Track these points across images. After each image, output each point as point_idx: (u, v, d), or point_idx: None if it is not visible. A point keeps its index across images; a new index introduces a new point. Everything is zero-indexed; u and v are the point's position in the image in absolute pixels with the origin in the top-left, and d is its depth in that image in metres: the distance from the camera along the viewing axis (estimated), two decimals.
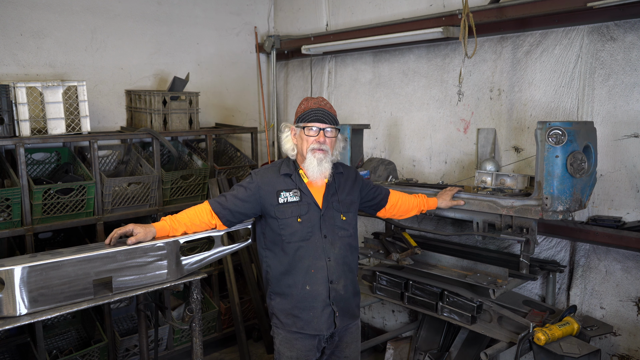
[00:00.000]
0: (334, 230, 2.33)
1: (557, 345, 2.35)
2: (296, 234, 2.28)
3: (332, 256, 2.31)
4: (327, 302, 2.29)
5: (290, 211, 2.29)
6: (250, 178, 2.36)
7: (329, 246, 2.30)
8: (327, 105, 2.36)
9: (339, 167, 2.45)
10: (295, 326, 2.31)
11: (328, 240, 2.31)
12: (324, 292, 2.28)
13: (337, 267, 2.32)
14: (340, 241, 2.34)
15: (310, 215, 2.30)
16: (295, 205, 2.30)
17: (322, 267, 2.28)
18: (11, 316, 1.98)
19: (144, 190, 3.50)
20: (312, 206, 2.31)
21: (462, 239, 3.33)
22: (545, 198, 2.39)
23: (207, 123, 4.40)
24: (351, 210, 2.42)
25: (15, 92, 3.02)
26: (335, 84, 4.23)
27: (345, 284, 2.35)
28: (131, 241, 2.20)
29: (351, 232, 2.40)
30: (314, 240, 2.29)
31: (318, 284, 2.28)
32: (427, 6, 3.44)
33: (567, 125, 2.35)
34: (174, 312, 3.76)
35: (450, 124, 3.43)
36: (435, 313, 2.79)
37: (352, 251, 2.40)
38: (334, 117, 2.31)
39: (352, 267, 2.40)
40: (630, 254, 2.67)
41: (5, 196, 2.93)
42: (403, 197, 2.71)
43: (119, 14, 3.82)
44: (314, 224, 2.30)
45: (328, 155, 2.30)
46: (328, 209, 2.34)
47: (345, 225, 2.37)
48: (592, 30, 2.73)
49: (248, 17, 4.60)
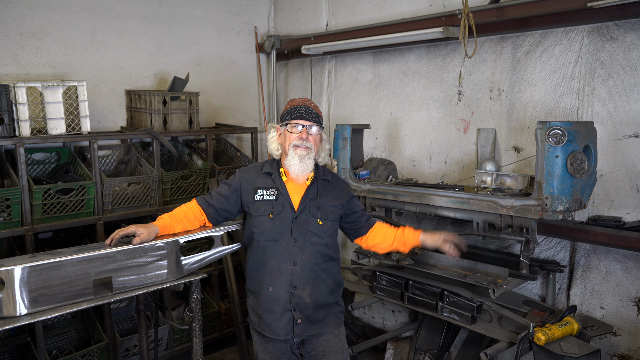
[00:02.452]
0: (306, 235, 2.26)
1: (557, 345, 2.35)
2: (265, 233, 2.27)
3: (299, 261, 2.24)
4: (288, 307, 2.23)
5: (264, 209, 2.27)
6: (234, 175, 2.41)
7: (296, 250, 2.24)
8: (312, 105, 2.32)
9: (327, 174, 2.38)
10: (259, 327, 2.31)
11: (297, 244, 2.24)
12: (285, 296, 2.23)
13: (304, 274, 2.24)
14: (312, 247, 2.26)
15: (283, 216, 2.26)
16: (269, 204, 2.27)
17: (286, 270, 2.23)
18: (11, 316, 1.98)
19: (144, 190, 3.50)
20: (287, 207, 2.27)
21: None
22: (545, 198, 2.39)
23: (207, 123, 4.40)
24: (330, 217, 2.32)
25: (15, 92, 3.02)
26: (335, 84, 4.23)
27: (313, 292, 2.26)
28: (136, 241, 2.20)
29: (327, 241, 2.30)
30: (282, 242, 2.25)
31: (280, 287, 2.24)
32: (427, 6, 3.44)
33: (567, 125, 2.35)
34: (174, 312, 3.76)
35: (450, 124, 3.43)
36: (435, 313, 2.79)
37: (325, 259, 2.30)
38: (318, 116, 2.28)
39: (323, 277, 2.29)
40: (630, 254, 2.67)
41: (5, 196, 2.93)
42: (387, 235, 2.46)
43: (119, 14, 3.82)
44: (284, 226, 2.25)
45: (311, 153, 2.25)
46: (303, 212, 2.27)
47: (320, 232, 2.28)
48: (592, 30, 2.73)
49: (248, 17, 4.60)
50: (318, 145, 2.31)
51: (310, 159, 2.26)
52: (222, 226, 2.56)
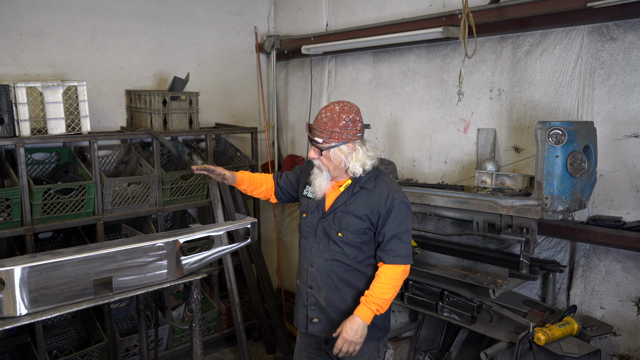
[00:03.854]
0: (327, 240, 2.24)
1: (557, 345, 2.36)
2: (301, 229, 2.37)
3: (316, 264, 2.27)
4: (305, 304, 2.33)
5: (304, 205, 2.37)
6: (301, 165, 2.53)
7: (316, 252, 2.26)
8: (322, 121, 2.14)
9: (369, 182, 2.22)
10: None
11: (318, 246, 2.26)
12: (303, 293, 2.34)
13: (319, 277, 2.25)
14: (329, 254, 2.23)
15: (314, 216, 2.30)
16: (308, 201, 2.35)
17: (305, 269, 2.32)
18: (11, 316, 1.99)
19: (144, 190, 3.50)
20: (319, 208, 2.30)
21: (462, 239, 3.33)
22: (545, 198, 2.39)
23: (207, 123, 4.40)
24: (351, 229, 2.18)
25: (15, 92, 3.02)
26: (335, 84, 4.23)
27: (329, 297, 2.25)
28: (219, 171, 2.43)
29: (347, 252, 2.20)
30: (308, 241, 2.32)
31: (302, 282, 2.35)
32: (427, 6, 3.44)
33: (567, 125, 2.36)
34: (174, 312, 3.76)
35: (450, 124, 3.43)
36: (435, 313, 2.79)
37: (345, 269, 2.22)
38: (317, 134, 2.13)
39: (340, 286, 2.23)
40: (630, 254, 2.67)
41: (5, 196, 2.92)
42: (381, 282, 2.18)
43: (119, 14, 3.82)
44: (312, 226, 2.30)
45: (323, 172, 2.21)
46: (329, 217, 2.25)
47: (339, 242, 2.20)
48: (592, 30, 2.73)
49: (248, 17, 4.60)
50: (333, 162, 2.17)
51: (323, 177, 2.22)
52: (222, 226, 2.56)
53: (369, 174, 2.23)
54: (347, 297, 2.26)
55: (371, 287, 2.17)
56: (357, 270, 2.24)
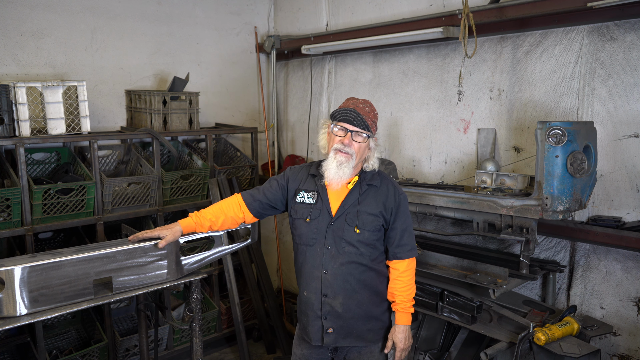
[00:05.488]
0: (340, 243, 2.17)
1: (557, 345, 2.36)
2: (303, 237, 2.24)
3: (330, 270, 2.17)
4: (318, 315, 2.21)
5: (302, 212, 2.25)
6: (284, 172, 2.39)
7: (329, 258, 2.17)
8: (365, 110, 2.19)
9: (375, 179, 2.26)
10: (299, 324, 2.34)
11: (330, 252, 2.18)
12: (316, 303, 2.20)
13: (335, 282, 2.17)
14: (345, 257, 2.17)
15: (319, 221, 2.20)
16: (308, 207, 2.24)
17: (317, 277, 2.19)
18: (11, 316, 1.99)
19: (144, 190, 3.50)
20: (324, 212, 2.21)
21: (462, 239, 3.33)
22: (545, 198, 2.39)
23: (207, 123, 4.40)
24: (368, 227, 2.18)
25: (15, 92, 3.02)
26: (335, 84, 4.23)
27: (346, 302, 2.19)
28: (162, 244, 2.24)
29: (363, 251, 2.18)
30: (316, 247, 2.20)
31: (312, 292, 2.21)
32: (427, 6, 3.44)
33: (567, 125, 2.35)
34: (174, 312, 3.77)
35: (450, 124, 3.43)
36: (435, 313, 2.79)
37: (362, 270, 2.19)
38: (365, 122, 2.14)
39: (357, 288, 2.19)
40: (630, 254, 2.67)
41: (5, 196, 2.93)
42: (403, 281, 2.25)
43: (119, 14, 3.82)
44: (320, 231, 2.20)
45: (351, 160, 2.15)
46: (340, 219, 2.19)
47: (355, 242, 2.17)
48: (592, 30, 2.73)
49: (248, 17, 4.60)
50: (363, 152, 2.20)
51: (349, 166, 2.16)
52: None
53: (370, 172, 2.28)
54: (364, 299, 2.23)
55: (399, 291, 2.24)
56: (373, 270, 2.23)
